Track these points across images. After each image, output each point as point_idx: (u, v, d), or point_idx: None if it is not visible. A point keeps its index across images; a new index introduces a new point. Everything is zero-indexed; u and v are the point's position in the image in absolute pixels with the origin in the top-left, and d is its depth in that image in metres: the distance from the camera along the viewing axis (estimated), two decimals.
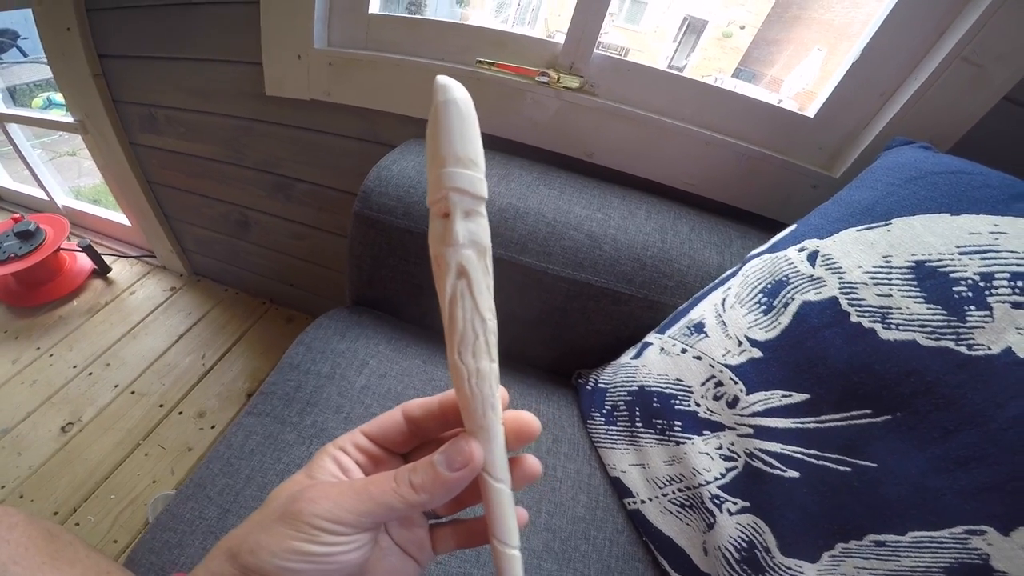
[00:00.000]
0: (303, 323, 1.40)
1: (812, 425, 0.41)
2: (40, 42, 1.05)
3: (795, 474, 0.41)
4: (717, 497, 0.46)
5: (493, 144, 0.80)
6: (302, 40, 0.82)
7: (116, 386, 1.18)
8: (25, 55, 2.61)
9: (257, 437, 0.54)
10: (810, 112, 0.70)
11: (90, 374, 1.20)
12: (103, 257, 1.44)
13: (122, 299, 1.41)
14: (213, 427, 1.12)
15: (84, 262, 1.44)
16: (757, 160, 0.71)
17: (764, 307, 0.47)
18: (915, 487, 0.35)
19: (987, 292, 0.35)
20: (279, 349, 1.31)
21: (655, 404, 0.53)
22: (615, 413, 0.58)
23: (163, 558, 0.45)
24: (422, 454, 0.25)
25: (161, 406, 1.15)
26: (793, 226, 0.53)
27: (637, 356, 0.59)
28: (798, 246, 0.48)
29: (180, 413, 1.14)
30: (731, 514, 0.45)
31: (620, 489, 0.56)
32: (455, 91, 0.19)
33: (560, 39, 0.74)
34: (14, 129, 1.49)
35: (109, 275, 1.47)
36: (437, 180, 0.20)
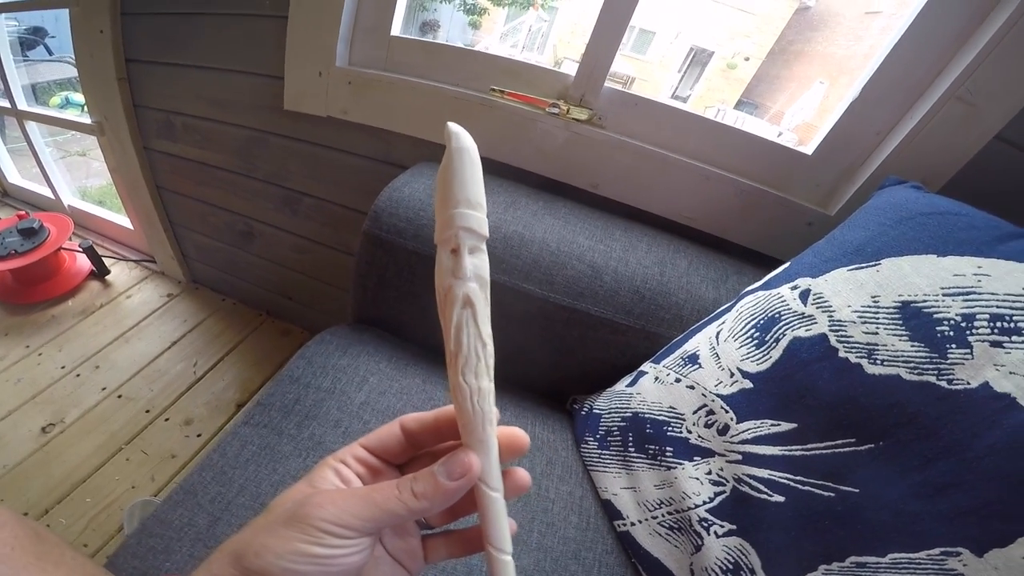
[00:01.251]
0: (299, 337, 1.40)
1: (799, 452, 0.43)
2: (71, 42, 1.07)
3: (781, 499, 0.43)
4: (705, 520, 0.48)
5: (501, 171, 0.82)
6: (324, 57, 0.85)
7: (103, 389, 1.16)
8: (51, 53, 2.65)
9: (253, 447, 0.54)
10: (808, 149, 0.72)
11: (78, 375, 1.18)
12: (103, 259, 1.45)
13: (118, 302, 1.41)
14: (199, 435, 1.11)
15: (83, 263, 1.44)
16: (755, 196, 0.73)
17: (756, 341, 0.49)
18: (895, 511, 0.37)
19: (968, 332, 0.37)
20: (272, 362, 1.31)
21: (648, 430, 0.55)
22: (608, 438, 0.59)
23: (147, 563, 0.44)
24: (417, 465, 0.27)
25: (147, 412, 1.14)
26: (787, 264, 0.55)
27: (632, 384, 0.60)
28: (791, 284, 0.50)
29: (166, 420, 1.13)
30: (718, 536, 0.47)
31: (611, 511, 0.56)
32: (465, 139, 0.22)
33: (569, 68, 0.77)
34: (31, 126, 1.50)
35: (107, 277, 1.47)
36: (448, 220, 0.22)
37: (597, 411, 0.63)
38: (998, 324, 0.36)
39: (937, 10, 0.58)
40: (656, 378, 0.57)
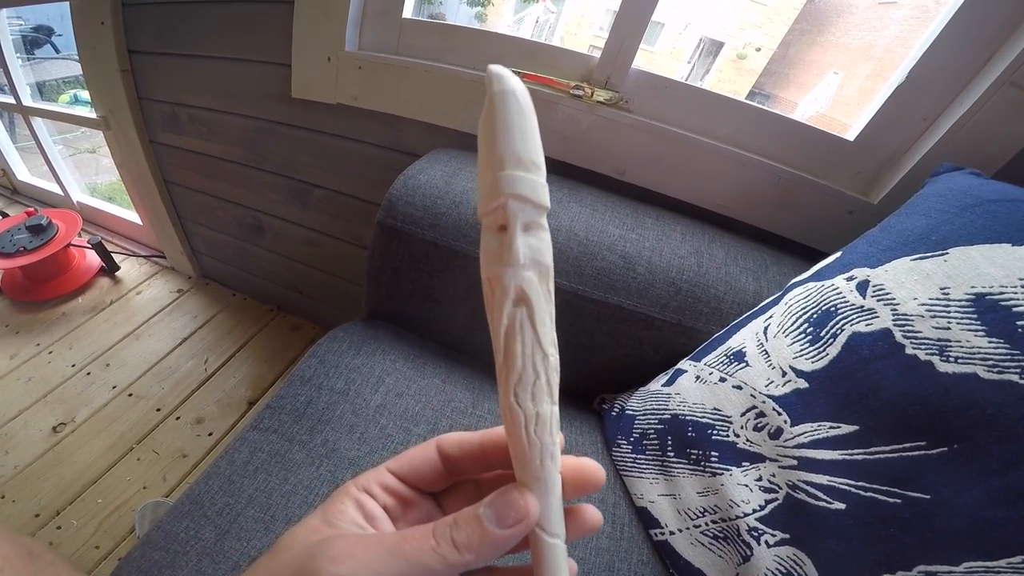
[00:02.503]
0: (310, 332, 1.38)
1: (860, 457, 0.40)
2: (73, 35, 1.05)
3: (841, 505, 0.40)
4: (755, 529, 0.45)
5: None
6: (333, 42, 0.82)
7: (114, 387, 1.15)
8: (58, 51, 2.66)
9: (262, 454, 0.51)
10: (850, 135, 0.68)
11: (88, 374, 1.17)
12: (112, 255, 1.43)
13: (128, 299, 1.39)
14: (211, 434, 1.09)
15: (92, 259, 1.43)
16: (793, 183, 0.69)
17: (811, 337, 0.45)
18: (971, 518, 0.34)
19: None
20: (284, 357, 1.29)
21: (690, 433, 0.51)
22: (644, 441, 0.56)
23: None
24: (458, 496, 0.23)
25: (158, 410, 1.12)
26: (838, 253, 0.51)
27: (669, 383, 0.56)
28: (846, 275, 0.46)
29: (178, 418, 1.11)
30: (769, 546, 0.44)
31: (646, 519, 0.54)
32: (512, 81, 0.17)
33: (595, 53, 0.73)
34: (38, 123, 1.50)
35: (117, 274, 1.45)
36: (493, 185, 0.17)
37: (630, 412, 0.59)
38: None
39: None
40: (697, 377, 0.53)
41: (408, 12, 0.82)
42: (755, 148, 0.71)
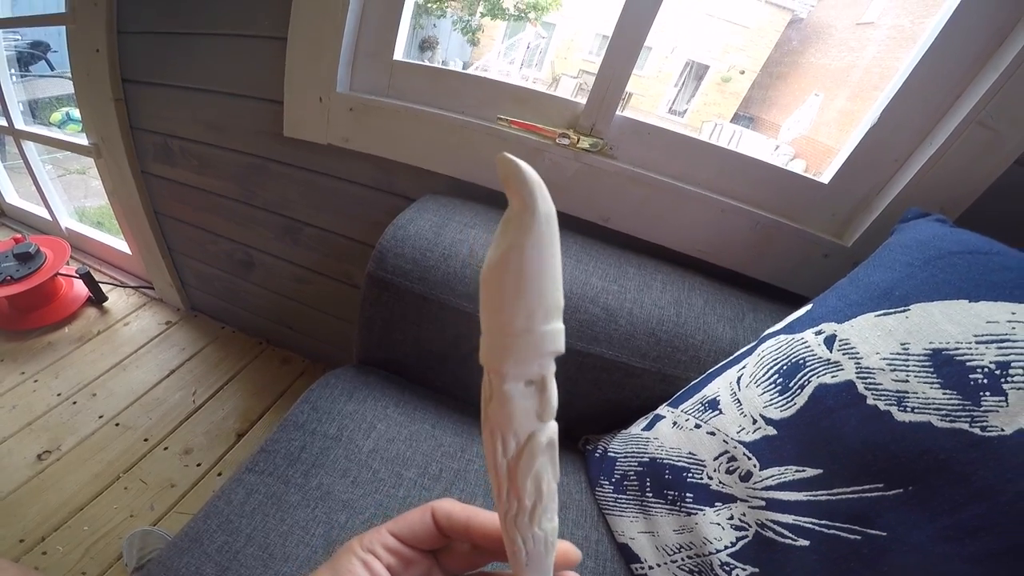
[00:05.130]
0: (299, 365, 1.38)
1: (824, 498, 0.43)
2: (68, 60, 1.05)
3: (805, 542, 0.43)
4: (727, 564, 0.47)
5: (505, 203, 0.80)
6: (325, 82, 0.83)
7: (100, 417, 1.14)
8: (52, 68, 2.64)
9: (259, 496, 0.52)
10: (825, 178, 0.70)
11: (74, 403, 1.16)
12: (100, 285, 1.42)
13: (115, 329, 1.38)
14: (199, 465, 1.09)
15: (80, 289, 1.42)
16: (771, 228, 0.71)
17: (780, 387, 0.48)
18: (924, 554, 0.37)
19: (1003, 380, 0.36)
20: (273, 391, 1.29)
21: (667, 476, 0.54)
22: (625, 482, 0.58)
23: None
24: (455, 553, 0.25)
25: (146, 440, 1.11)
26: (809, 306, 0.53)
27: (648, 428, 0.59)
28: (815, 328, 0.49)
29: (165, 449, 1.11)
30: None
31: (628, 555, 0.56)
32: (547, 200, 0.14)
33: (568, 85, 0.75)
34: (28, 145, 1.48)
35: (104, 304, 1.44)
36: (531, 342, 0.15)
37: (612, 454, 0.61)
38: None
39: (955, 33, 0.57)
40: (674, 423, 0.56)
41: (399, 54, 0.83)
42: (735, 193, 0.73)
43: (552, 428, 0.17)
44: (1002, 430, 0.35)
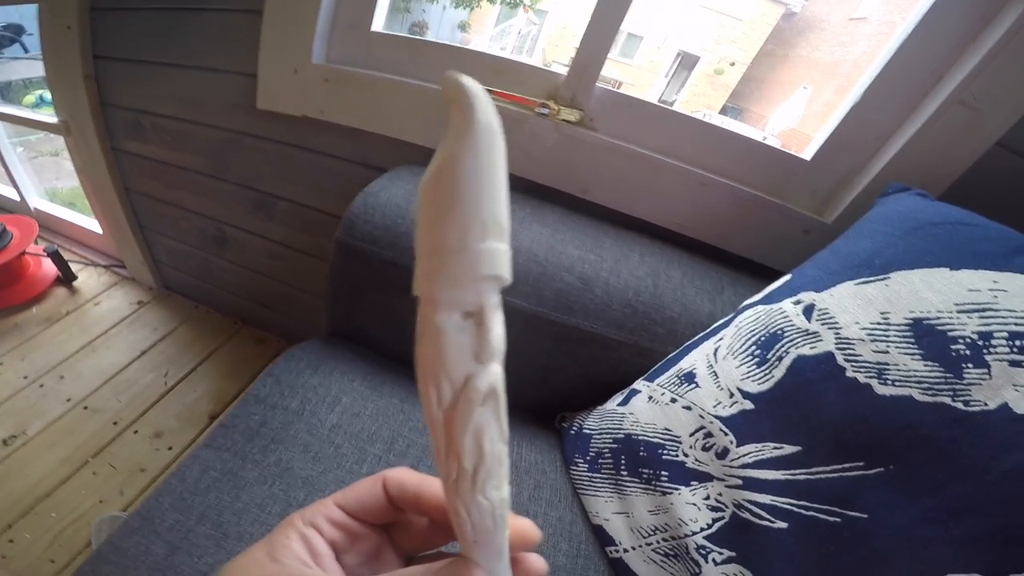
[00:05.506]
0: (274, 345, 1.35)
1: (803, 477, 0.41)
2: (38, 38, 1.03)
3: (783, 525, 0.41)
4: (703, 547, 0.46)
5: None
6: (300, 54, 0.81)
7: (68, 400, 1.11)
8: (27, 51, 2.58)
9: (214, 472, 0.50)
10: (807, 155, 0.70)
11: (41, 386, 1.13)
12: (70, 264, 1.38)
13: (85, 310, 1.35)
14: (170, 448, 1.06)
15: (48, 268, 1.38)
16: (751, 203, 0.71)
17: (757, 359, 0.47)
18: (906, 537, 0.35)
19: (985, 351, 0.35)
20: (247, 372, 1.26)
21: (642, 453, 0.52)
22: (599, 460, 0.57)
23: None
24: (408, 527, 0.23)
25: (115, 424, 1.08)
26: (788, 276, 0.52)
27: (624, 403, 0.57)
28: (793, 299, 0.47)
29: (135, 432, 1.08)
30: (716, 564, 0.45)
31: (603, 537, 0.54)
32: (488, 111, 0.13)
33: (560, 70, 0.74)
34: None
35: (74, 283, 1.40)
36: (465, 262, 0.13)
37: (587, 431, 0.59)
38: (1017, 343, 0.34)
39: (941, 14, 0.57)
40: (650, 397, 0.54)
41: (379, 26, 0.81)
42: (715, 168, 0.72)
43: (494, 373, 0.15)
44: (986, 404, 0.34)
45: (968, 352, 0.35)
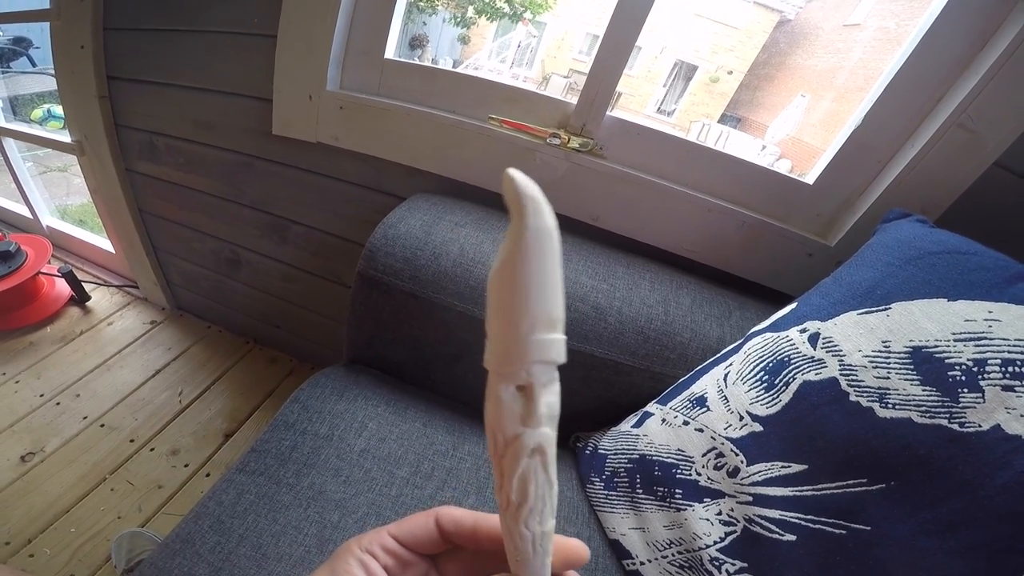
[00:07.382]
0: (287, 365, 1.37)
1: (809, 493, 0.44)
2: (52, 56, 1.03)
3: (792, 537, 0.44)
4: (716, 559, 0.48)
5: (496, 202, 0.80)
6: (315, 80, 0.82)
7: (85, 418, 1.12)
8: (34, 65, 2.59)
9: (250, 496, 0.52)
10: (809, 179, 0.71)
11: (58, 404, 1.14)
12: (83, 284, 1.40)
13: (99, 329, 1.36)
14: (187, 465, 1.08)
15: (62, 288, 1.39)
16: (757, 228, 0.72)
17: (766, 384, 0.49)
18: (907, 547, 0.38)
19: (979, 376, 0.38)
20: (260, 390, 1.28)
21: (656, 472, 0.55)
22: (615, 479, 0.59)
23: None
24: (454, 558, 0.25)
25: (132, 441, 1.10)
26: (794, 304, 0.54)
27: (638, 425, 0.59)
28: (800, 327, 0.50)
29: (152, 449, 1.09)
30: (729, 574, 0.47)
31: (619, 551, 0.57)
32: (548, 215, 0.14)
33: (558, 84, 0.76)
34: (8, 141, 1.45)
35: (87, 303, 1.42)
36: (518, 348, 0.16)
37: (602, 451, 0.62)
38: (1009, 369, 0.37)
39: (938, 37, 0.59)
40: (663, 420, 0.57)
41: (392, 50, 0.83)
42: (721, 193, 0.74)
43: (541, 435, 0.18)
44: (979, 426, 0.36)
45: (964, 378, 0.38)
